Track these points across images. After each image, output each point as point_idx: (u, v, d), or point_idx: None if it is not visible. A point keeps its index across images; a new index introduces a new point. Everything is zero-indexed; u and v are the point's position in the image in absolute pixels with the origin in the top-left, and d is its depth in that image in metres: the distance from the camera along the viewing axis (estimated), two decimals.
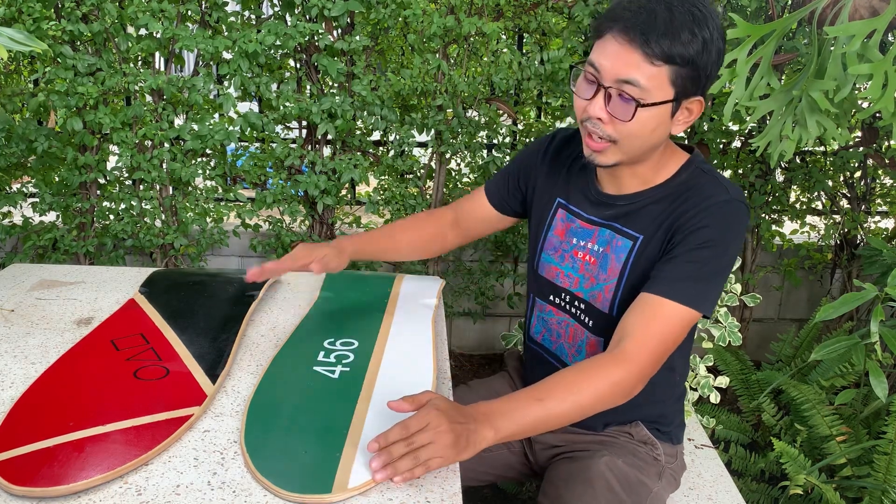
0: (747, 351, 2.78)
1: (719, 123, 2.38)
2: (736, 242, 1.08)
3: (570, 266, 1.22)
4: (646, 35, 0.97)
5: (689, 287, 1.05)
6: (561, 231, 1.24)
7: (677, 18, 0.98)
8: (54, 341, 1.20)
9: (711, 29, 1.00)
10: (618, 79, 1.01)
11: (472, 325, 2.87)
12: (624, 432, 1.25)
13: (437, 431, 0.86)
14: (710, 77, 1.05)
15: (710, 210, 1.07)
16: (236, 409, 1.02)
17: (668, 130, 1.07)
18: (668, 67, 0.99)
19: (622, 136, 1.05)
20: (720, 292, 1.10)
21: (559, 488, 1.17)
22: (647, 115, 1.02)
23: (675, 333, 1.06)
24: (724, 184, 1.11)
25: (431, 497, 0.86)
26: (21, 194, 2.27)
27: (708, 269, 1.06)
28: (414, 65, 2.17)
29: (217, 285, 1.42)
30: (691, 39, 0.98)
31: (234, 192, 2.35)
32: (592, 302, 1.19)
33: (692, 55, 0.99)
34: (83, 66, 2.06)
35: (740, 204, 1.09)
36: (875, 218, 2.72)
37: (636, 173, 1.14)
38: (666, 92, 1.01)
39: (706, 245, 1.06)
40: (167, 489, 0.84)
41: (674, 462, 1.27)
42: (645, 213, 1.14)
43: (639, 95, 1.00)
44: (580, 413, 0.99)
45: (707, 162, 1.16)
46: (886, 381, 1.35)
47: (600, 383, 0.99)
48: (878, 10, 1.29)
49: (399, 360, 1.16)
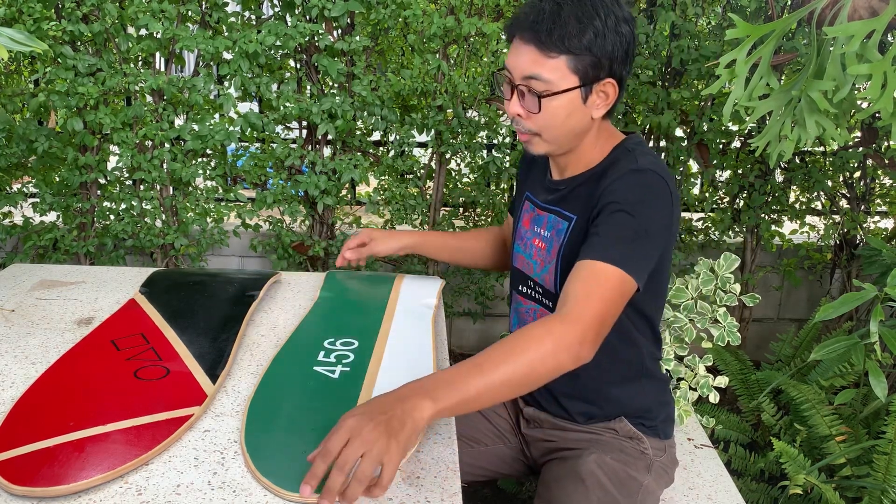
0: (747, 351, 2.79)
1: (719, 124, 2.38)
2: (647, 208, 1.09)
3: (529, 253, 1.29)
4: (537, 31, 1.07)
5: (613, 249, 1.06)
6: (526, 221, 1.32)
7: (565, 12, 1.06)
8: (55, 341, 1.20)
9: (604, 16, 1.07)
10: (524, 76, 1.11)
11: (472, 325, 2.87)
12: (609, 429, 1.27)
13: (361, 440, 0.78)
14: (617, 59, 1.10)
15: (620, 180, 1.12)
16: (236, 409, 1.02)
17: (588, 115, 1.14)
18: (565, 57, 1.08)
19: (540, 127, 1.14)
20: (648, 259, 1.09)
21: (552, 489, 1.19)
22: (556, 104, 1.11)
23: (612, 292, 1.03)
24: (639, 157, 1.15)
25: (431, 497, 0.86)
26: (21, 194, 2.27)
27: (624, 234, 1.08)
28: (414, 65, 2.17)
29: (217, 285, 1.42)
30: (580, 30, 1.06)
31: (234, 193, 2.35)
32: (544, 284, 1.25)
33: (585, 44, 1.07)
34: (83, 67, 2.06)
35: (651, 172, 1.11)
36: (874, 218, 2.72)
37: (575, 159, 1.22)
38: (569, 80, 1.09)
39: (617, 210, 1.10)
40: (167, 489, 0.84)
41: (662, 456, 1.28)
42: (576, 194, 1.20)
43: (543, 88, 1.10)
44: (525, 376, 0.92)
45: (643, 145, 1.20)
46: (886, 381, 1.35)
47: (543, 343, 0.94)
48: (878, 10, 1.29)
49: (399, 360, 1.16)
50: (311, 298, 1.45)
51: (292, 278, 1.57)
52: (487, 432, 1.38)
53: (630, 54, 1.12)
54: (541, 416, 1.33)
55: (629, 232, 1.08)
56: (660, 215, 1.10)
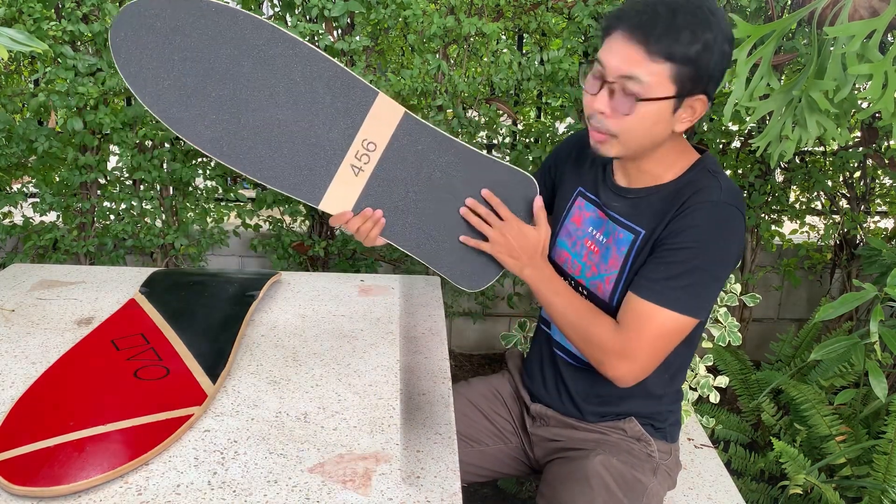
0: (747, 351, 2.78)
1: (719, 124, 2.38)
2: (719, 245, 1.09)
3: (578, 253, 1.25)
4: (648, 34, 1.02)
5: (669, 290, 1.09)
6: (578, 219, 1.27)
7: (679, 19, 1.02)
8: (55, 341, 1.20)
9: (716, 31, 1.03)
10: (620, 74, 1.05)
11: (472, 325, 2.87)
12: (618, 428, 1.26)
13: (504, 234, 1.18)
14: (714, 78, 1.07)
15: (697, 210, 1.10)
16: (236, 409, 1.02)
17: (670, 128, 1.10)
18: (669, 65, 1.03)
19: (622, 129, 1.09)
20: (709, 293, 1.12)
21: (556, 489, 1.18)
22: (647, 110, 1.06)
23: (665, 335, 1.12)
24: (724, 186, 1.12)
25: (431, 497, 0.86)
26: (21, 194, 2.27)
27: (688, 271, 1.09)
28: (414, 65, 2.17)
29: (217, 285, 1.42)
30: (692, 40, 1.02)
31: (234, 193, 2.35)
32: (594, 291, 1.22)
33: (693, 55, 1.02)
34: (84, 67, 2.06)
35: (730, 207, 1.10)
36: (874, 218, 2.72)
37: (644, 169, 1.17)
38: (666, 88, 1.05)
39: (685, 246, 1.09)
40: (167, 489, 0.84)
41: (668, 458, 1.28)
42: (648, 208, 1.16)
43: (639, 91, 1.05)
44: (580, 339, 1.16)
45: (719, 167, 1.17)
46: (886, 381, 1.35)
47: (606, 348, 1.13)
48: (878, 10, 1.29)
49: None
50: (311, 298, 1.45)
51: (292, 278, 1.57)
52: (488, 432, 1.38)
53: (724, 73, 1.09)
54: (548, 414, 1.32)
55: (689, 271, 1.09)
56: (727, 249, 1.10)
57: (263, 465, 0.89)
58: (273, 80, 1.12)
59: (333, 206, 1.17)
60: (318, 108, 1.14)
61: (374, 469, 0.90)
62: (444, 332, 1.33)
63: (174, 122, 1.11)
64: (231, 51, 1.10)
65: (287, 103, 1.13)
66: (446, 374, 1.19)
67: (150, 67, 1.10)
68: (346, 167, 1.16)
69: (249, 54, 1.11)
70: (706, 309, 1.13)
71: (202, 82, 1.11)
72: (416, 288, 1.57)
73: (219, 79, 1.11)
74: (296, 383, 1.10)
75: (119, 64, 1.09)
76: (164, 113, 1.11)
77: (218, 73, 1.11)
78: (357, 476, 0.88)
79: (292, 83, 1.13)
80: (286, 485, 0.86)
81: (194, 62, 1.10)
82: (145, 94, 1.10)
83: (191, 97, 1.11)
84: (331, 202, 1.17)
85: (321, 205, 1.17)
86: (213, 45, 1.10)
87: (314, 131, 1.14)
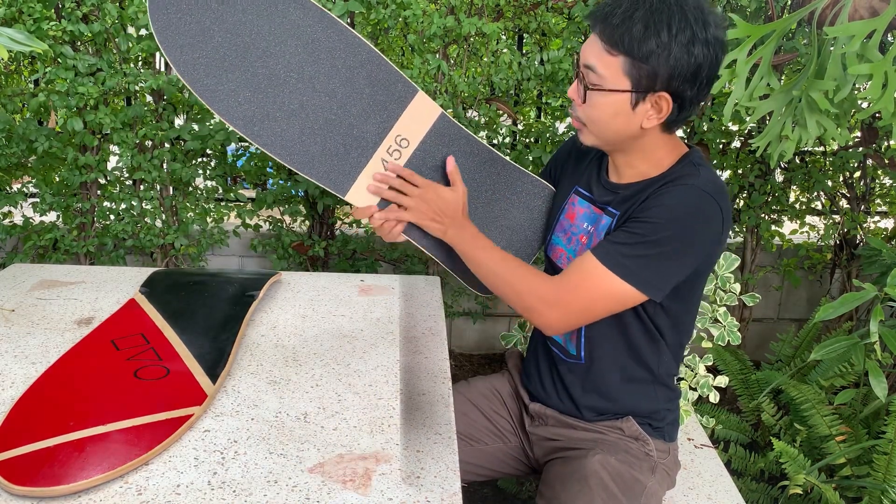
0: (747, 351, 2.78)
1: (719, 123, 2.38)
2: (684, 226, 1.09)
3: (573, 249, 1.27)
4: (604, 25, 1.07)
5: (620, 256, 1.10)
6: (572, 215, 1.29)
7: (640, 15, 1.03)
8: (55, 341, 1.20)
9: (675, 31, 1.03)
10: (584, 64, 1.11)
11: (472, 325, 2.87)
12: (615, 428, 1.26)
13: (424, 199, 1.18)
14: (679, 78, 1.06)
15: (670, 190, 1.11)
16: (236, 409, 1.02)
17: (635, 122, 1.11)
18: (623, 59, 1.06)
19: (585, 118, 1.15)
20: (661, 271, 1.11)
21: (555, 489, 1.19)
22: (603, 101, 1.10)
23: (602, 297, 1.13)
24: (703, 175, 1.12)
25: (431, 497, 0.86)
26: (21, 194, 2.27)
27: (643, 242, 1.09)
28: (414, 65, 2.17)
29: (217, 285, 1.42)
30: (645, 36, 1.03)
31: (234, 193, 2.35)
32: None
33: (645, 52, 1.04)
34: (83, 67, 2.06)
35: (705, 195, 1.09)
36: (874, 218, 2.72)
37: (633, 164, 1.19)
38: (620, 82, 1.08)
39: (649, 220, 1.10)
40: (167, 489, 0.84)
41: (666, 458, 1.28)
42: (633, 201, 1.17)
43: (595, 81, 1.10)
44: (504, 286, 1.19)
45: (706, 161, 1.18)
46: (886, 381, 1.35)
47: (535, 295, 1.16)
48: (878, 10, 1.29)
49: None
50: (311, 298, 1.45)
51: (292, 278, 1.57)
52: (487, 431, 1.38)
53: (701, 76, 1.07)
54: (547, 413, 1.32)
55: (653, 248, 1.09)
56: (697, 238, 1.10)
57: (263, 465, 0.90)
58: (315, 64, 1.09)
59: (359, 198, 1.16)
60: (357, 98, 1.11)
61: (374, 469, 0.90)
62: (444, 332, 1.33)
63: (207, 93, 1.07)
64: (275, 28, 1.06)
65: (326, 90, 1.10)
66: (446, 374, 1.19)
67: (188, 35, 1.05)
68: (376, 160, 1.15)
69: (294, 35, 1.07)
70: (655, 286, 1.11)
71: (241, 57, 1.07)
72: (416, 288, 1.57)
73: (259, 56, 1.07)
74: (296, 383, 1.10)
75: (155, 28, 1.05)
76: (197, 83, 1.06)
77: (259, 51, 1.07)
78: (357, 476, 0.88)
79: (334, 70, 1.10)
80: (286, 485, 0.86)
81: (235, 35, 1.06)
82: (179, 62, 1.06)
83: (227, 71, 1.07)
84: (357, 194, 1.16)
85: (347, 196, 1.15)
86: (256, 21, 1.06)
87: (349, 121, 1.12)
